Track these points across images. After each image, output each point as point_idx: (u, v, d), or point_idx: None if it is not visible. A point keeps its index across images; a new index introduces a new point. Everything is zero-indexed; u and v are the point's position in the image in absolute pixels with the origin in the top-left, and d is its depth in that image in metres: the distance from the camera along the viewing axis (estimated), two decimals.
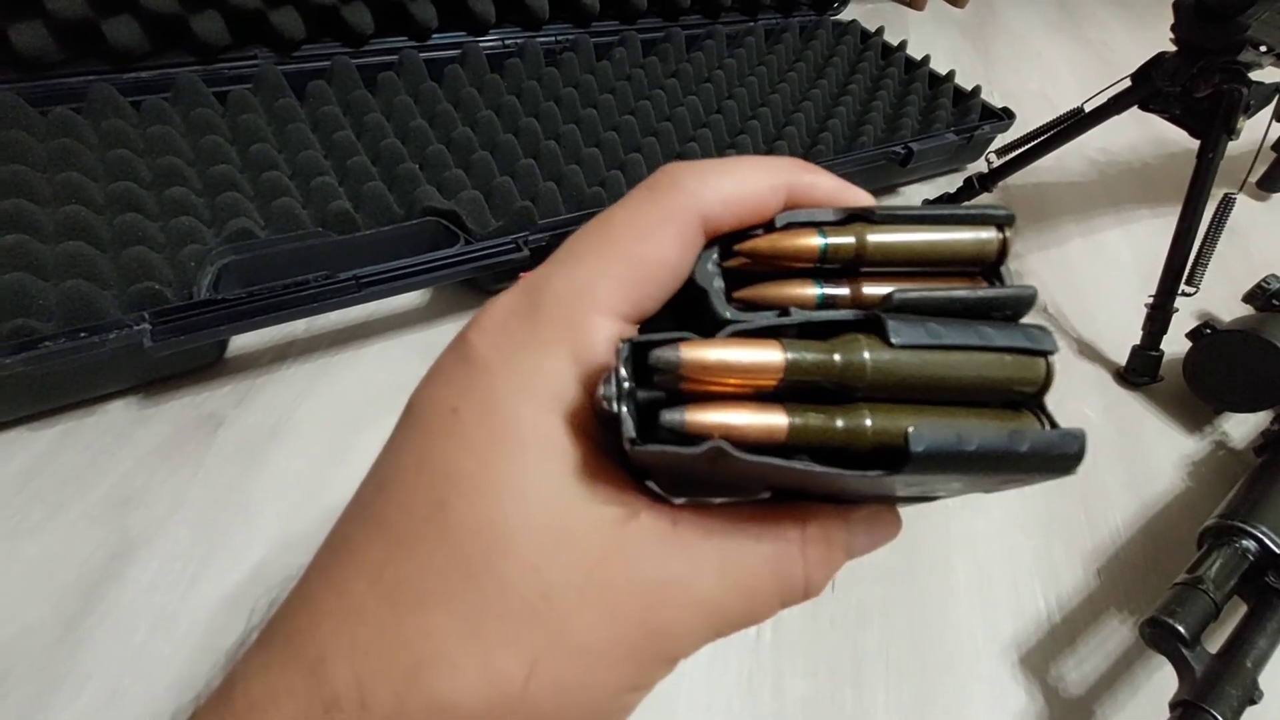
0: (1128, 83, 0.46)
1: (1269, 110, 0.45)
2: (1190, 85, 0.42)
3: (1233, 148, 0.47)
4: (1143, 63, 0.45)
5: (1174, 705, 0.27)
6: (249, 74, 0.48)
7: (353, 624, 0.12)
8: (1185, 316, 0.58)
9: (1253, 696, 0.27)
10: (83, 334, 0.31)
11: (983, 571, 0.37)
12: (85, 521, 0.31)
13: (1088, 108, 0.50)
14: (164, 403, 0.36)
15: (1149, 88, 0.45)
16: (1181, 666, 0.28)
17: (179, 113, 0.45)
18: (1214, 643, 0.30)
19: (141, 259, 0.35)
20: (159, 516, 0.32)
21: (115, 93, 0.44)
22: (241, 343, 0.39)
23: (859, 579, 0.35)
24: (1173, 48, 0.43)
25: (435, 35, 0.56)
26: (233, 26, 0.48)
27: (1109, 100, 0.48)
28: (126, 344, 0.31)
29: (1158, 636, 0.29)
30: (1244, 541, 0.33)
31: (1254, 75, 0.44)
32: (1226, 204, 0.45)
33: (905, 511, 0.18)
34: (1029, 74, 0.94)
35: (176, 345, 0.32)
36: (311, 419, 0.36)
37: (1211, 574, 0.31)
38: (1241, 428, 0.49)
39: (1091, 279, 0.60)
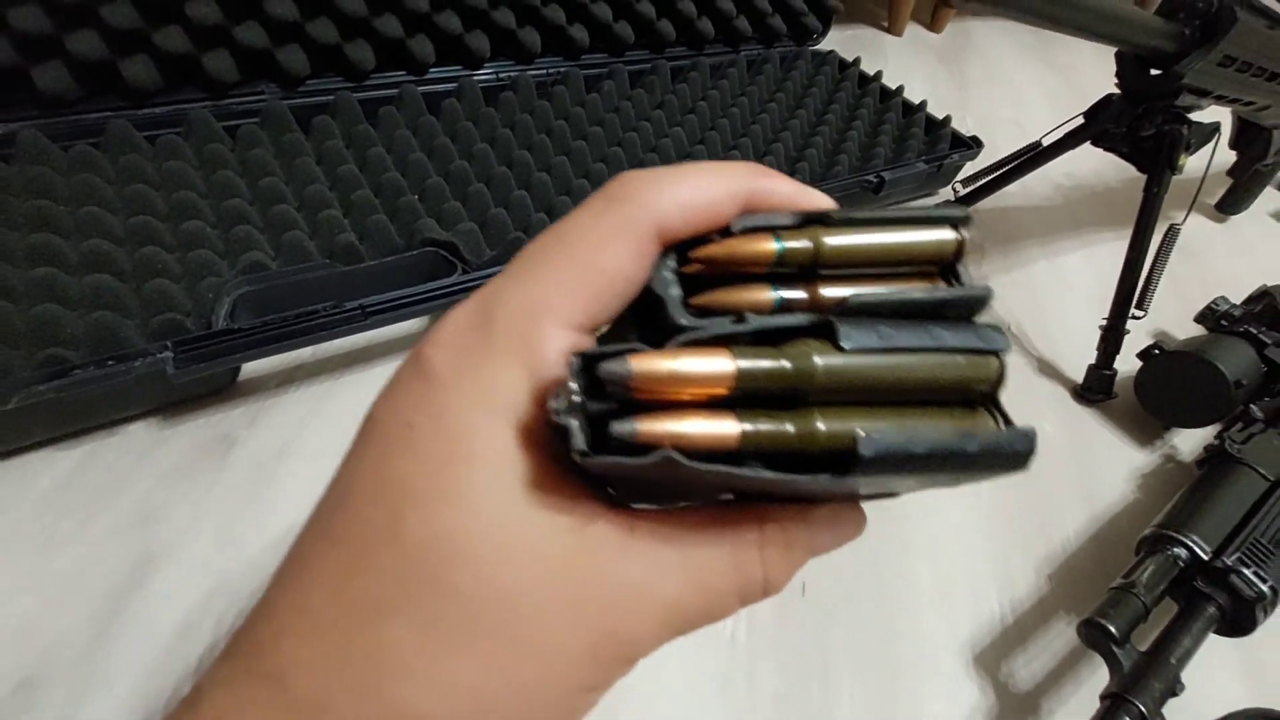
0: (1081, 119, 0.50)
1: (1210, 145, 0.48)
2: (1135, 126, 0.46)
3: (1191, 170, 0.51)
4: (1093, 103, 0.49)
5: (1103, 697, 0.30)
6: (257, 109, 0.51)
7: (313, 636, 0.12)
8: (1142, 335, 0.62)
9: (1174, 689, 0.30)
10: (110, 362, 0.33)
11: (943, 576, 0.40)
12: (110, 535, 0.34)
13: (1045, 141, 0.53)
14: (181, 424, 0.38)
15: (1099, 127, 0.48)
16: (1112, 662, 0.31)
17: (192, 147, 0.47)
18: (1147, 642, 0.33)
19: (162, 290, 0.37)
20: (179, 530, 0.34)
21: (131, 128, 0.46)
22: (253, 367, 0.41)
23: (828, 582, 0.38)
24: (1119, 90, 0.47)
25: (433, 70, 0.59)
26: (241, 64, 0.51)
27: (1064, 136, 0.52)
28: (150, 371, 0.34)
29: (1092, 636, 0.32)
30: (1176, 549, 0.36)
31: (1195, 115, 0.48)
32: (1171, 234, 0.48)
33: (871, 517, 0.19)
34: (1001, 100, 0.98)
35: (196, 372, 0.35)
36: (318, 439, 0.39)
37: (1144, 579, 0.34)
38: (1190, 441, 0.52)
39: (1053, 301, 0.63)
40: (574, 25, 0.65)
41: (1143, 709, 0.29)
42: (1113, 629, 0.31)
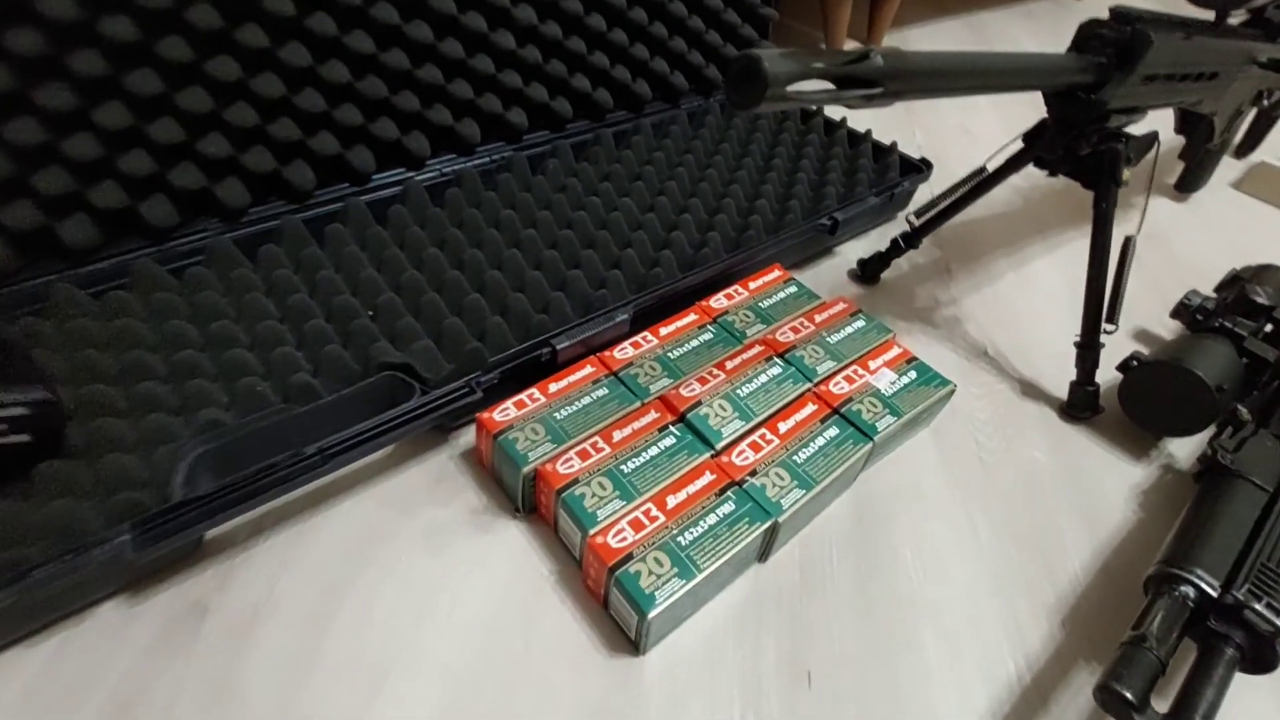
0: (1020, 143, 0.50)
1: (1152, 154, 0.48)
2: (1072, 148, 0.45)
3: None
4: (1029, 129, 0.48)
5: None
6: (201, 246, 0.51)
7: None
8: (1122, 337, 0.61)
9: None
10: (68, 555, 0.32)
11: (950, 641, 0.38)
12: None
13: (990, 167, 0.53)
14: (151, 597, 0.37)
15: (1036, 152, 0.48)
16: None
17: (138, 298, 0.47)
18: (1171, 694, 0.31)
19: (117, 466, 0.36)
20: (158, 713, 0.33)
21: (75, 290, 0.46)
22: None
23: (833, 669, 0.36)
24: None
25: (375, 176, 0.59)
26: (180, 206, 0.51)
27: (1006, 161, 0.51)
28: (111, 556, 0.33)
29: (1109, 704, 0.30)
30: (1183, 588, 0.34)
31: (1132, 127, 0.48)
32: (1129, 246, 0.48)
33: (872, 592, 0.19)
34: (947, 109, 0.99)
35: (158, 550, 0.34)
36: (292, 591, 0.38)
37: (1154, 629, 0.32)
38: (1186, 447, 0.51)
39: (1026, 312, 0.63)
40: (511, 110, 0.65)
41: None
42: (1129, 695, 0.30)
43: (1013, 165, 0.51)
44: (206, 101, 0.49)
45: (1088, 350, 0.50)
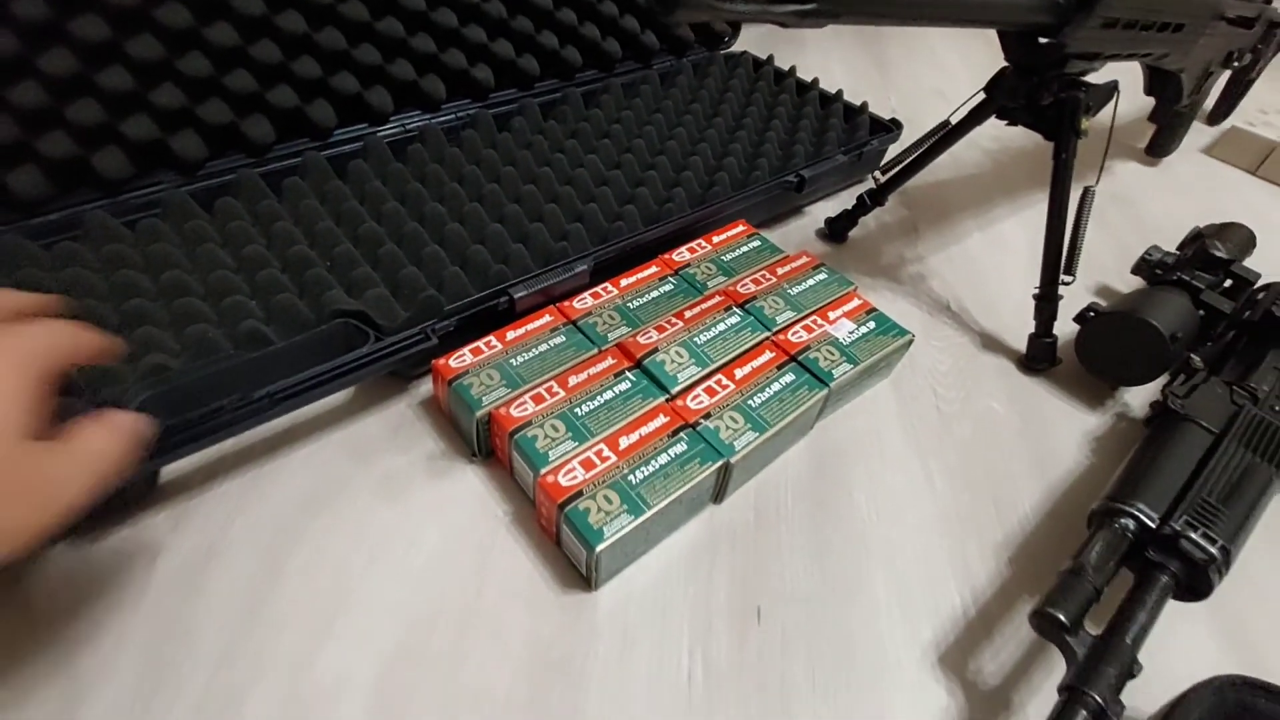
0: (983, 95, 0.50)
1: (1112, 105, 0.48)
2: (1032, 97, 0.45)
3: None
4: (990, 78, 0.48)
5: (1060, 690, 0.29)
6: (157, 199, 0.50)
7: None
8: (1083, 293, 0.62)
9: (1132, 671, 0.29)
10: None
11: (901, 580, 0.39)
12: (38, 673, 0.32)
13: (953, 120, 0.53)
14: (104, 539, 0.37)
15: (999, 101, 0.48)
16: (1067, 652, 0.30)
17: (89, 249, 0.46)
18: (1105, 621, 0.32)
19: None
20: (106, 656, 0.33)
21: (24, 240, 0.45)
22: (174, 467, 0.40)
23: (783, 606, 0.37)
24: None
25: (337, 131, 0.58)
26: (134, 158, 0.50)
27: (969, 113, 0.51)
28: None
29: (1043, 627, 0.31)
30: (1123, 520, 0.35)
31: (1093, 76, 0.48)
32: (1087, 196, 0.48)
33: (824, 532, 0.20)
34: (924, 73, 0.99)
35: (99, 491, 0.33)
36: (246, 535, 0.38)
37: (1092, 559, 0.33)
38: (1140, 397, 0.52)
39: (992, 270, 0.63)
40: (477, 66, 0.64)
41: (1099, 699, 0.28)
42: (1062, 617, 0.30)
43: (975, 116, 0.51)
44: (158, 49, 0.48)
45: (1046, 302, 0.50)
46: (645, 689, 0.33)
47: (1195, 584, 0.33)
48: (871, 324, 0.48)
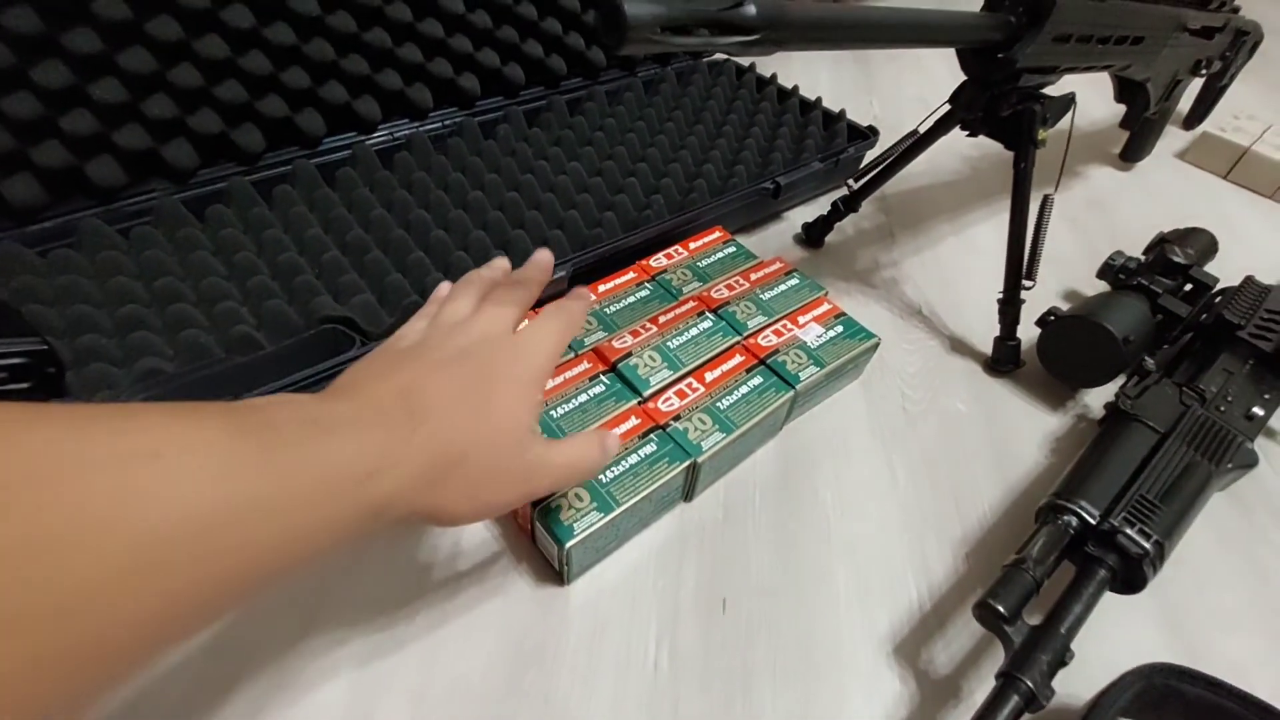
0: (948, 106, 0.52)
1: (1069, 116, 0.50)
2: (991, 109, 0.47)
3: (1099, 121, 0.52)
4: (954, 90, 0.50)
5: (996, 676, 0.31)
6: (149, 208, 0.52)
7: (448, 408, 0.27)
8: (1050, 297, 0.64)
9: (1064, 659, 0.31)
10: None
11: (861, 575, 0.41)
12: None
13: (921, 129, 0.55)
14: None
15: (959, 114, 0.50)
16: (1005, 641, 0.32)
17: (84, 256, 0.48)
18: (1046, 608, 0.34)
19: None
20: None
21: (20, 248, 0.47)
22: None
23: (748, 598, 0.39)
24: None
25: (326, 140, 0.60)
26: (127, 167, 0.51)
27: (935, 123, 0.53)
28: None
29: (984, 617, 0.33)
30: (1067, 517, 0.37)
31: (1052, 89, 0.50)
32: (1046, 204, 0.50)
33: (790, 529, 0.34)
34: (908, 79, 1.01)
35: None
36: None
37: (1034, 553, 0.35)
38: (1100, 397, 0.54)
39: (962, 274, 0.65)
40: (463, 75, 0.66)
41: (1030, 684, 0.30)
42: (1001, 608, 0.32)
43: (941, 126, 0.53)
44: (150, 62, 0.50)
45: (1009, 306, 0.52)
46: (614, 675, 0.35)
47: (1130, 577, 0.35)
48: (839, 328, 0.50)
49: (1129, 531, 0.35)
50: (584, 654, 0.36)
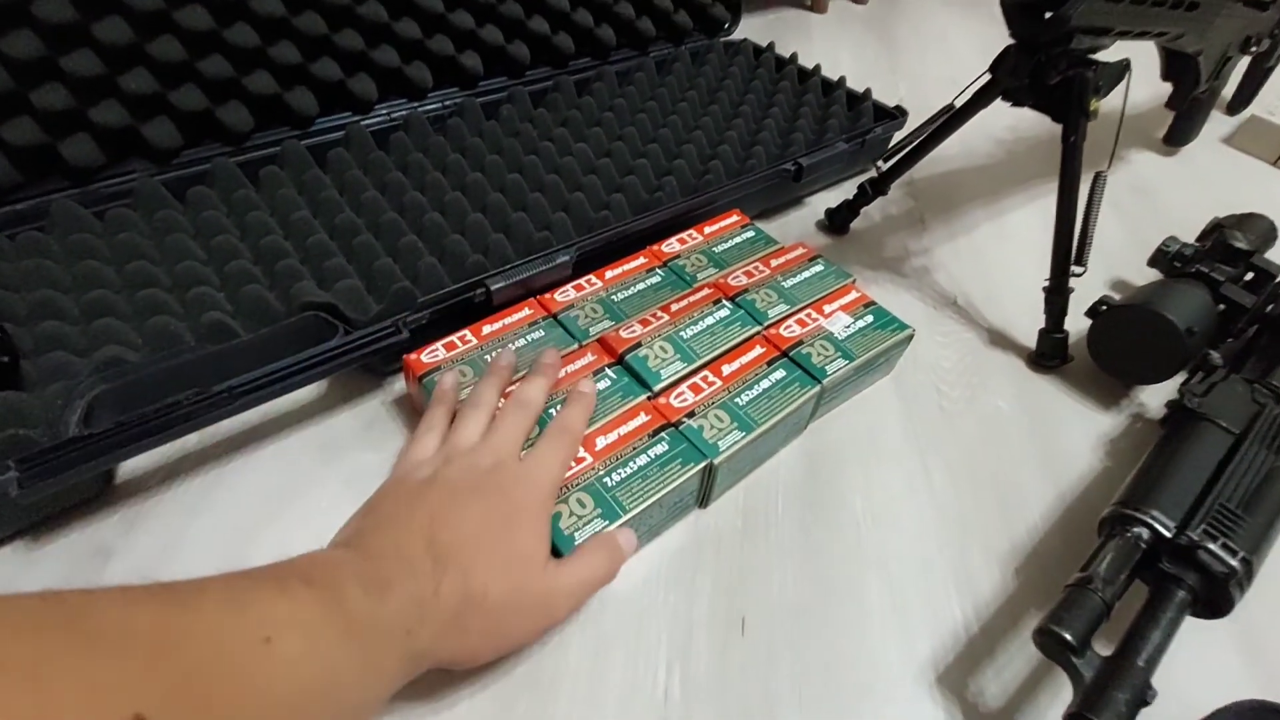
0: (988, 76, 0.47)
1: (1123, 85, 0.46)
2: (1038, 76, 0.43)
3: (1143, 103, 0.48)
4: (995, 57, 0.46)
5: (1066, 718, 0.27)
6: (128, 189, 0.48)
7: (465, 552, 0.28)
8: (1097, 287, 0.59)
9: (1145, 698, 0.27)
10: None
11: (896, 590, 0.37)
12: None
13: (958, 103, 0.51)
14: (53, 542, 0.35)
15: (1003, 83, 0.45)
16: (1073, 675, 0.28)
17: (55, 240, 0.45)
18: (1115, 640, 0.30)
19: (8, 403, 0.34)
20: None
21: None
22: (131, 467, 0.38)
23: (769, 615, 0.35)
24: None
25: (319, 120, 0.56)
26: (105, 145, 0.48)
27: (974, 95, 0.49)
28: None
29: (1047, 646, 0.28)
30: (1136, 529, 0.32)
31: (1103, 55, 0.45)
32: (1099, 182, 0.45)
33: (816, 536, 0.33)
34: (934, 59, 0.96)
35: (44, 490, 0.31)
36: (204, 535, 0.36)
37: (1101, 570, 0.31)
38: (1159, 396, 0.49)
39: (1000, 264, 0.60)
40: (465, 53, 0.62)
41: None
42: (1068, 636, 0.28)
43: (980, 99, 0.48)
44: (127, 33, 0.47)
45: (1056, 295, 0.48)
46: (617, 703, 0.31)
47: (1214, 599, 0.31)
48: (869, 318, 0.45)
49: (1212, 547, 0.31)
50: (584, 679, 0.32)
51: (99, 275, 0.42)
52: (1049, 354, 0.49)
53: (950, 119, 0.51)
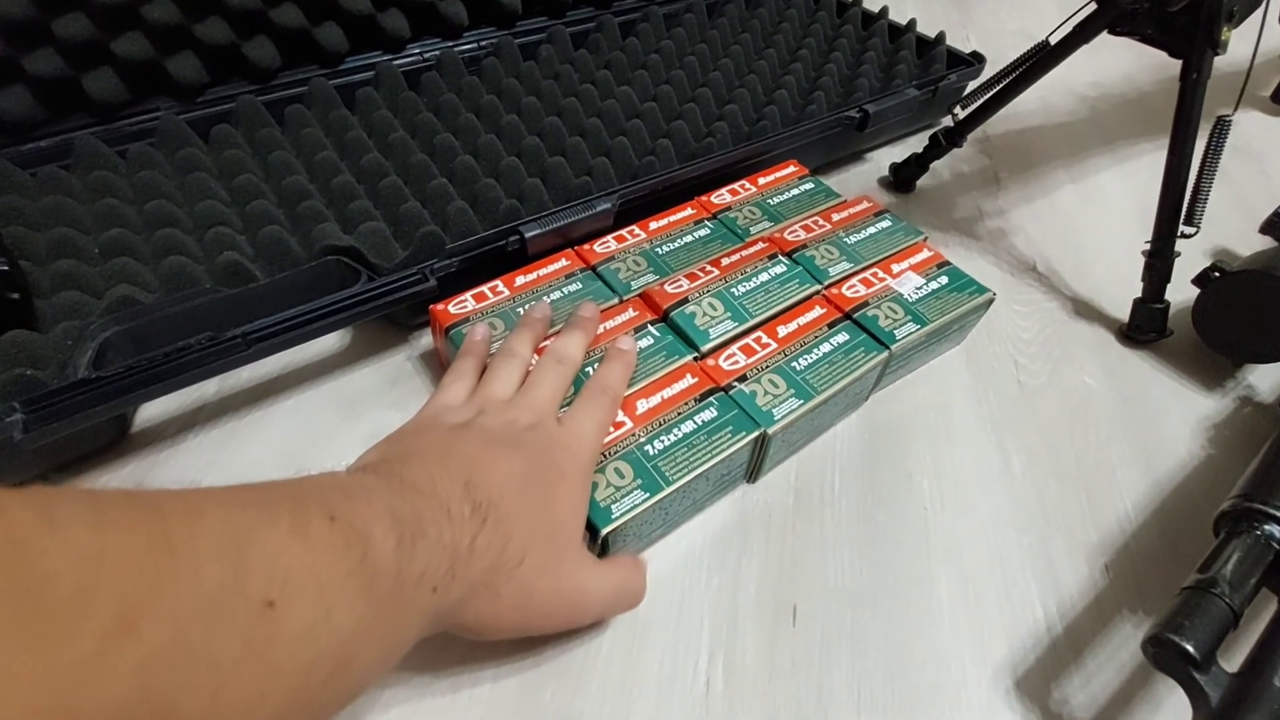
0: (1094, 6, 0.41)
1: (1259, 14, 0.39)
2: (1161, 0, 0.37)
3: (1226, 63, 0.41)
4: None
5: None
6: (152, 126, 0.46)
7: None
8: (1197, 257, 0.53)
9: None
10: None
11: (970, 583, 0.33)
12: None
13: (1053, 40, 0.45)
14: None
15: (1116, 8, 0.39)
16: (1194, 693, 0.24)
17: (76, 176, 0.43)
18: (1241, 651, 0.25)
19: (17, 342, 0.32)
20: None
21: (11, 166, 0.42)
22: (149, 414, 0.37)
23: (824, 606, 0.31)
24: None
25: (349, 59, 0.53)
26: (128, 80, 0.46)
27: (1075, 29, 0.43)
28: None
29: (1164, 659, 0.24)
30: (1267, 526, 0.28)
31: None
32: (1221, 128, 0.39)
33: (878, 520, 0.31)
34: (1008, 13, 0.88)
35: (51, 434, 0.30)
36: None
37: (1227, 572, 0.26)
38: (1270, 378, 0.43)
39: (1087, 228, 0.54)
40: None
41: None
42: (1190, 648, 0.23)
43: (1082, 33, 0.42)
44: None
45: (1159, 259, 0.42)
46: (654, 693, 0.28)
47: None
48: (944, 279, 0.40)
49: None
50: (618, 666, 0.29)
51: (118, 214, 0.40)
52: (1145, 327, 0.44)
53: (1043, 58, 0.45)
